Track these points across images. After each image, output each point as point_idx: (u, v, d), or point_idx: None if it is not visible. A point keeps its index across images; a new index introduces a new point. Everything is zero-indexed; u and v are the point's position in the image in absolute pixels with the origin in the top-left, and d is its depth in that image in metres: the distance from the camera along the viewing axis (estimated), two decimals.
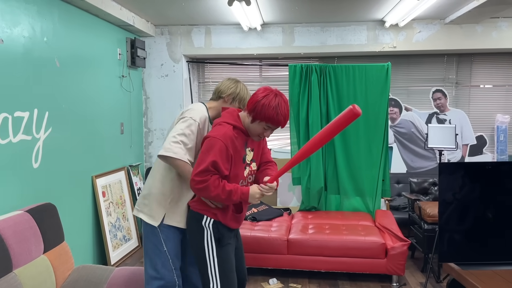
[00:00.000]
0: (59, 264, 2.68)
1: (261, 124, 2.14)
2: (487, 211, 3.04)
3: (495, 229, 3.02)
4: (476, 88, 5.52)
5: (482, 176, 3.03)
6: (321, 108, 4.63)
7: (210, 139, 2.11)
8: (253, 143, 2.30)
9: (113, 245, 4.20)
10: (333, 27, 5.15)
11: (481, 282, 2.60)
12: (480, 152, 5.49)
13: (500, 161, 5.26)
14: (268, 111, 2.08)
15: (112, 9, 4.12)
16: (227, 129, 2.14)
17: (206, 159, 2.07)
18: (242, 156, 2.20)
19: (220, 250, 2.22)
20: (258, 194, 2.13)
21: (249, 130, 2.19)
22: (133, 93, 5.06)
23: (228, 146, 2.09)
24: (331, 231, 3.94)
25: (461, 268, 2.88)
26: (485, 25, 4.97)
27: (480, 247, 3.01)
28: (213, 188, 2.06)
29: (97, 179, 4.13)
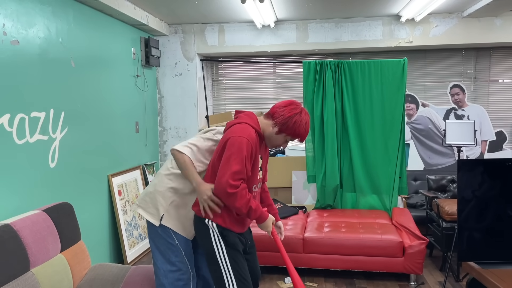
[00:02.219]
0: (76, 263, 2.70)
1: (286, 137, 2.27)
2: (508, 208, 2.97)
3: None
4: (495, 82, 5.39)
5: (502, 173, 2.96)
6: (336, 105, 4.58)
7: (237, 138, 2.11)
8: (263, 150, 2.35)
9: (129, 244, 4.23)
10: (347, 22, 5.09)
11: (503, 282, 2.54)
12: (500, 148, 5.37)
13: None
14: (299, 129, 2.22)
15: (126, 8, 4.14)
16: (252, 131, 2.18)
17: (238, 159, 2.08)
18: (258, 160, 2.25)
19: (229, 249, 2.22)
20: (270, 228, 2.30)
21: (269, 139, 2.28)
22: (147, 92, 5.09)
23: (253, 146, 2.14)
24: (347, 229, 3.90)
25: (481, 267, 2.82)
26: (504, 18, 4.84)
27: (501, 246, 2.94)
28: (240, 198, 2.10)
29: (113, 178, 4.17)
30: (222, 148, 2.16)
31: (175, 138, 5.46)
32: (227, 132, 2.22)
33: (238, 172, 2.08)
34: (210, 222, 2.24)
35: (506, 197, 2.95)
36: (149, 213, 2.44)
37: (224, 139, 2.17)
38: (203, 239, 2.27)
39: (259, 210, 2.20)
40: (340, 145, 4.65)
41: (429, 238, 4.12)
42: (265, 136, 2.28)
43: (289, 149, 5.32)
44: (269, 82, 5.72)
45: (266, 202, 2.56)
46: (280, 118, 2.21)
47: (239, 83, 5.79)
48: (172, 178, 2.43)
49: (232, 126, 2.22)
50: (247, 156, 2.10)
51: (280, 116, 2.21)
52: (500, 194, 2.95)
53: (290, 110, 2.21)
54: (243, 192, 2.11)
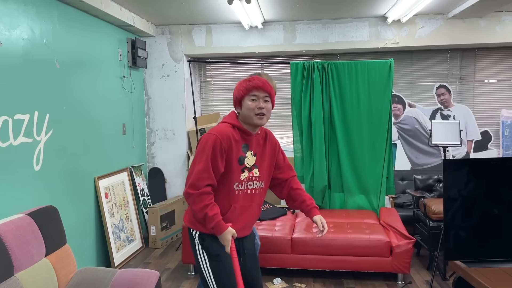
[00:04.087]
0: (61, 267, 2.66)
1: (246, 100, 2.14)
2: (493, 207, 3.00)
3: (502, 225, 2.98)
4: (480, 83, 5.46)
5: (487, 172, 2.99)
6: (324, 106, 4.59)
7: (204, 135, 2.12)
8: (257, 147, 2.22)
9: (116, 247, 4.19)
10: (334, 23, 5.11)
11: (488, 280, 2.56)
12: (485, 148, 5.44)
13: (506, 157, 5.21)
14: (241, 86, 2.15)
15: (111, 9, 4.10)
16: (224, 126, 2.15)
17: (201, 158, 2.07)
18: (238, 157, 2.14)
19: (211, 261, 2.15)
20: (227, 242, 2.04)
21: (247, 117, 2.14)
22: (134, 93, 5.05)
23: (222, 141, 2.08)
24: (336, 230, 3.91)
25: (467, 265, 2.84)
26: (488, 19, 4.91)
27: (487, 244, 2.98)
28: (197, 201, 2.04)
29: (100, 181, 4.12)
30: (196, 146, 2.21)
31: (163, 139, 5.43)
32: None
33: (200, 171, 2.04)
34: (194, 232, 2.20)
35: (491, 196, 2.98)
36: None
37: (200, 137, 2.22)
38: (192, 251, 2.24)
39: (215, 219, 2.03)
40: (328, 146, 4.66)
41: (416, 237, 4.15)
42: (243, 120, 2.17)
43: None
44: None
45: (299, 199, 2.34)
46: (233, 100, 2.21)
47: (227, 84, 5.78)
48: None
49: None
50: (210, 153, 2.05)
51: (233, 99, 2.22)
52: (485, 193, 2.99)
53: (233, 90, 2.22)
54: (203, 196, 2.03)
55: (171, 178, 5.46)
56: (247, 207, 2.21)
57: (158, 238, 4.74)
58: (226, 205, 2.16)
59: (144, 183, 5.14)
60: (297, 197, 2.34)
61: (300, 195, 2.34)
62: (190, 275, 3.97)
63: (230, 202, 2.16)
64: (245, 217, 2.22)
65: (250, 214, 2.24)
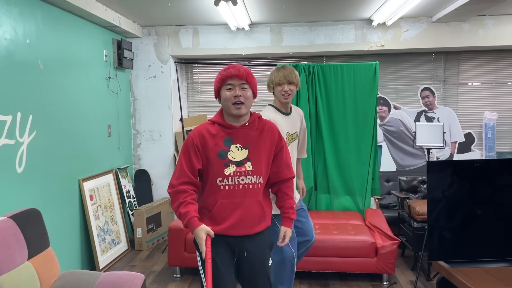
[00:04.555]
0: (44, 270, 2.62)
1: (223, 90, 2.12)
2: (476, 208, 3.05)
3: (484, 226, 3.03)
4: (464, 85, 5.55)
5: (470, 173, 3.04)
6: (310, 108, 4.61)
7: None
8: (248, 140, 2.12)
9: (101, 249, 4.14)
10: (321, 26, 5.14)
11: (471, 280, 2.60)
12: (469, 150, 5.52)
13: (488, 158, 5.30)
14: (217, 77, 2.14)
15: (97, 10, 4.07)
16: (202, 125, 2.17)
17: (180, 158, 2.15)
18: (217, 151, 2.08)
19: (203, 261, 2.06)
20: (200, 239, 1.99)
21: (226, 108, 2.13)
22: (120, 94, 5.01)
23: (194, 138, 2.10)
24: (321, 231, 3.92)
25: (451, 266, 2.88)
26: (471, 23, 4.99)
27: (470, 245, 3.02)
28: (173, 200, 2.10)
29: (84, 183, 4.08)
30: None
31: (149, 141, 5.40)
32: None
33: (176, 171, 2.12)
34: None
35: (474, 197, 3.03)
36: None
37: None
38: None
39: (187, 216, 2.01)
40: (314, 147, 4.68)
41: (401, 238, 4.20)
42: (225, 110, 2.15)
43: None
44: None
45: (280, 202, 2.29)
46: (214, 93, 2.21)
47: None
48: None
49: None
50: (184, 152, 2.12)
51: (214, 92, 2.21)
52: (468, 194, 3.03)
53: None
54: (178, 195, 2.07)
55: (158, 180, 5.43)
56: (240, 203, 2.09)
57: (144, 241, 4.70)
58: (212, 200, 2.11)
59: (130, 185, 5.10)
60: (280, 200, 2.29)
61: (283, 199, 2.28)
62: (176, 277, 3.95)
63: (216, 197, 2.10)
64: (239, 214, 2.09)
65: (246, 210, 2.10)
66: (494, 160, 4.95)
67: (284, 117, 2.93)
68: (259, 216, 2.15)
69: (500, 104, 5.50)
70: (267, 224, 2.22)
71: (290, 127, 2.97)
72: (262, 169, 2.15)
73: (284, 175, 2.25)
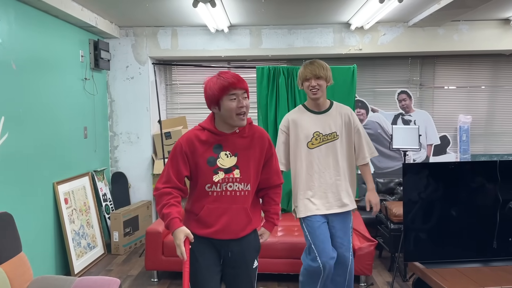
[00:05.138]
0: (16, 276, 2.55)
1: (225, 100, 2.03)
2: (451, 210, 3.10)
3: (459, 227, 3.08)
4: (439, 89, 5.66)
5: (445, 175, 3.09)
6: (289, 110, 4.62)
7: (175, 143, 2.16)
8: (237, 147, 2.11)
9: (76, 254, 4.06)
10: (300, 29, 5.17)
11: (444, 280, 2.65)
12: (444, 152, 5.63)
13: (463, 161, 5.42)
14: (215, 85, 2.03)
15: (72, 10, 3.99)
16: (191, 131, 2.15)
17: (167, 164, 2.14)
18: (206, 158, 2.08)
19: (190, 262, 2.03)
20: (178, 241, 1.95)
21: (227, 117, 2.05)
22: (97, 96, 4.93)
23: (183, 144, 2.09)
24: (300, 233, 3.93)
25: (426, 266, 2.93)
26: (446, 28, 5.10)
27: (444, 246, 3.07)
28: (157, 202, 2.09)
29: (59, 186, 3.99)
30: None
31: (127, 143, 5.32)
32: None
33: (162, 175, 2.11)
34: None
35: (449, 198, 3.09)
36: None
37: None
38: None
39: (169, 217, 1.99)
40: None
41: (379, 239, 4.24)
42: (224, 120, 2.08)
43: None
44: None
45: (265, 206, 2.31)
46: (206, 101, 2.10)
47: (193, 87, 5.73)
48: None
49: None
50: (172, 157, 2.10)
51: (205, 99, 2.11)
52: (443, 196, 3.09)
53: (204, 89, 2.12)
54: (162, 197, 2.06)
55: (135, 183, 5.36)
56: (226, 209, 2.10)
57: (121, 244, 4.63)
58: (199, 205, 2.13)
59: (107, 187, 5.02)
60: (265, 204, 2.31)
61: (269, 204, 2.30)
62: (154, 281, 3.89)
63: (203, 203, 2.12)
64: (225, 219, 2.09)
65: (232, 217, 2.10)
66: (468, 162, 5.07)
67: (313, 116, 2.80)
68: (245, 223, 2.15)
69: (474, 107, 5.63)
70: (254, 227, 2.22)
71: (322, 126, 2.80)
72: (251, 177, 2.14)
73: (273, 182, 2.27)
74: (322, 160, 2.80)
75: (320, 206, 2.80)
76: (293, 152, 2.88)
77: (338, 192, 2.83)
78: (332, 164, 2.81)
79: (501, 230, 3.07)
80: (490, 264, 2.99)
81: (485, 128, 5.64)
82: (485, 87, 5.62)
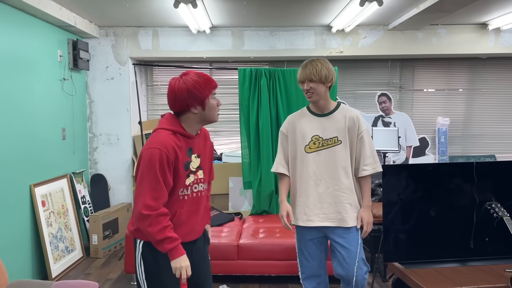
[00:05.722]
0: None
1: (210, 100, 2.06)
2: (429, 210, 3.15)
3: (437, 228, 3.13)
4: (418, 92, 5.75)
5: (424, 177, 3.14)
6: (271, 112, 4.64)
7: (147, 150, 1.95)
8: (200, 148, 2.14)
9: (54, 257, 3.98)
10: (281, 31, 5.19)
11: (423, 280, 2.68)
12: (423, 153, 5.72)
13: (441, 162, 5.51)
14: (203, 85, 2.03)
15: (50, 9, 3.92)
16: (165, 135, 2.00)
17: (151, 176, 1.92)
18: (184, 163, 2.04)
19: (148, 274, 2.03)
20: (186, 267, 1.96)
21: (210, 116, 2.07)
22: (75, 96, 4.84)
23: (168, 154, 1.94)
24: (282, 235, 3.94)
25: (405, 267, 2.96)
26: (425, 32, 5.19)
27: (423, 246, 3.11)
28: (154, 223, 1.91)
29: (36, 188, 3.91)
30: (138, 162, 2.02)
31: (106, 145, 5.25)
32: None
33: (154, 189, 1.92)
34: (138, 241, 2.07)
35: (428, 199, 3.13)
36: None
37: (141, 152, 2.01)
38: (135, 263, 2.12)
39: (175, 242, 1.94)
40: (275, 151, 4.69)
41: None
42: (196, 122, 2.08)
43: (225, 155, 5.31)
44: None
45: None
46: (185, 100, 2.03)
47: None
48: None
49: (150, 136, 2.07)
50: (159, 169, 1.92)
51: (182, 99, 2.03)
52: (422, 197, 3.13)
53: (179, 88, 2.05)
54: (161, 218, 1.92)
55: (115, 185, 5.28)
56: (195, 211, 2.12)
57: (100, 247, 4.55)
58: (171, 211, 2.06)
59: (86, 190, 4.94)
60: None
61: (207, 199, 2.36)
62: (133, 285, 3.84)
63: (175, 208, 2.06)
64: (193, 221, 2.12)
65: (197, 217, 2.14)
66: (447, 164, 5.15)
67: (314, 119, 2.59)
68: (207, 220, 2.26)
69: (452, 109, 5.74)
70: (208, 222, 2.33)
71: (323, 130, 2.55)
72: (208, 176, 2.21)
73: (210, 179, 2.31)
74: (319, 166, 2.54)
75: (313, 217, 2.54)
76: (291, 156, 2.66)
77: (337, 204, 2.54)
78: (331, 171, 2.53)
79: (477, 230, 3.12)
80: (467, 264, 3.04)
81: (462, 130, 5.76)
82: (462, 90, 5.74)
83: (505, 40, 5.21)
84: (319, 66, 2.49)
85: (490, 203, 3.07)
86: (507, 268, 2.88)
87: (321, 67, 2.49)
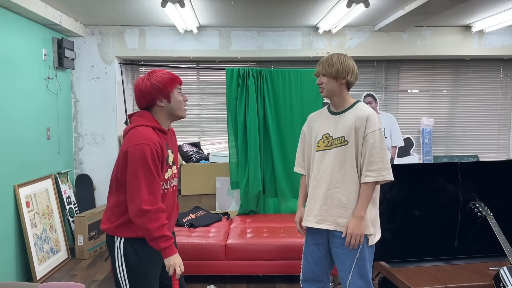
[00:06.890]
0: None
1: (175, 93, 2.08)
2: (414, 210, 3.20)
3: (422, 227, 3.18)
4: (403, 92, 5.83)
5: (409, 176, 3.19)
6: (259, 112, 4.65)
7: (136, 147, 1.91)
8: (172, 143, 2.20)
9: (39, 259, 3.92)
10: (269, 31, 5.20)
11: (409, 279, 2.73)
12: (408, 154, 5.79)
13: (425, 162, 5.59)
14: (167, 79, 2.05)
15: (35, 7, 3.86)
16: (147, 132, 1.98)
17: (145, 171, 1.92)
18: (165, 158, 2.05)
19: (129, 273, 2.04)
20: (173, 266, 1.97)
21: (176, 109, 2.09)
22: (60, 96, 4.78)
23: (157, 149, 1.95)
24: (269, 235, 3.95)
25: (391, 266, 3.00)
26: (410, 33, 5.26)
27: (408, 245, 3.16)
28: (154, 219, 1.90)
29: (20, 189, 3.84)
30: (123, 160, 1.96)
31: (92, 144, 5.19)
32: (124, 141, 2.00)
33: (151, 184, 1.91)
34: (117, 239, 2.04)
35: (413, 199, 3.18)
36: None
37: (123, 150, 1.96)
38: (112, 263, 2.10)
39: (170, 241, 1.95)
40: (263, 151, 4.72)
41: None
42: (166, 117, 2.10)
43: (213, 155, 5.30)
44: (193, 88, 5.66)
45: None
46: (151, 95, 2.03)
47: None
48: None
49: (127, 133, 2.01)
50: (153, 164, 1.93)
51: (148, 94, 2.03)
52: (407, 196, 3.18)
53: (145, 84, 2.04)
54: (160, 214, 1.92)
55: (101, 185, 5.23)
56: (172, 205, 2.17)
57: (86, 249, 4.50)
58: None
59: (71, 190, 4.87)
60: None
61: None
62: None
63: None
64: (171, 216, 2.18)
65: (173, 212, 2.21)
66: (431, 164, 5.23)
67: (329, 117, 2.46)
68: (177, 216, 2.30)
69: (436, 110, 5.83)
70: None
71: (334, 128, 2.40)
72: (178, 171, 2.26)
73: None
74: (323, 166, 2.40)
75: (310, 217, 2.42)
76: (307, 155, 2.57)
77: (336, 208, 2.35)
78: (334, 173, 2.35)
79: (462, 229, 3.19)
80: (452, 263, 3.10)
81: (446, 130, 5.85)
82: (446, 91, 5.83)
83: (488, 42, 5.32)
84: (333, 61, 2.34)
85: (474, 203, 3.14)
86: (490, 267, 2.94)
87: (335, 62, 2.34)
